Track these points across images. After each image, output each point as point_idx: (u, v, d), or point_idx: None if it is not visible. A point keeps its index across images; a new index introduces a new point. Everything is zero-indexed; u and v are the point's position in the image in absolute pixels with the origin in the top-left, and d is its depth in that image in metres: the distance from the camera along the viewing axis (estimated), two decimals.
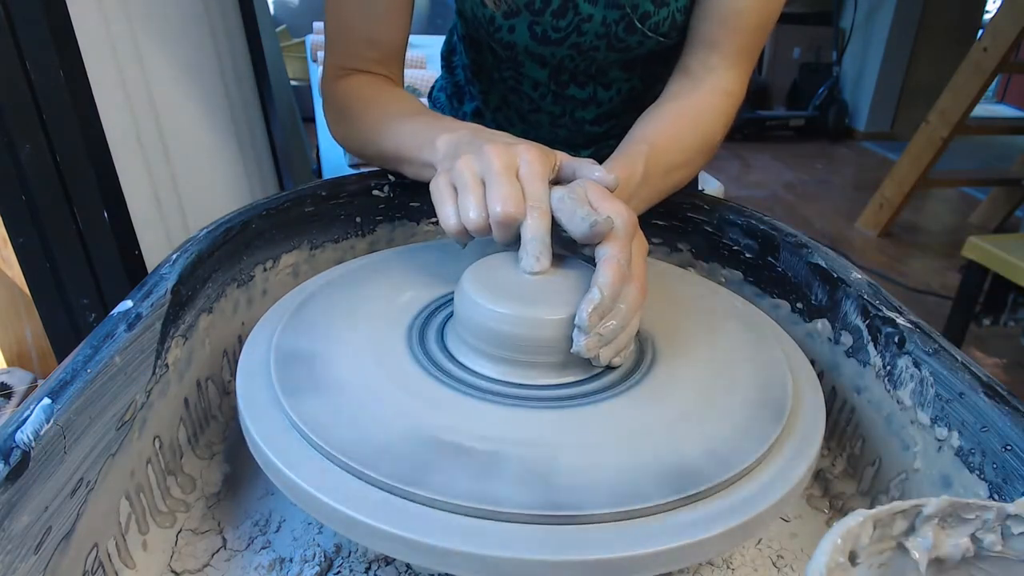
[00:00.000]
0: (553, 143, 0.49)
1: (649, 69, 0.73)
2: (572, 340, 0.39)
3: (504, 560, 0.30)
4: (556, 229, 0.43)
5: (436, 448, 0.35)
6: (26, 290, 0.88)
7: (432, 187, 0.46)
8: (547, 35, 0.67)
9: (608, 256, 0.40)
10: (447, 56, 0.89)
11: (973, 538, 0.26)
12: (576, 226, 0.41)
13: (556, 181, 0.47)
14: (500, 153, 0.43)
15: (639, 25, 0.65)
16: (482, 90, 0.81)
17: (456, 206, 0.44)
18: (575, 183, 0.44)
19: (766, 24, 0.63)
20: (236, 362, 0.44)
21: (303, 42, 3.44)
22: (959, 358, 0.39)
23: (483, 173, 0.44)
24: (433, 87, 0.94)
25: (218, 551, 0.40)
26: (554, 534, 0.31)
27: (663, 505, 0.33)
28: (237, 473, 0.46)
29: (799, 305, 0.53)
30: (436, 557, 0.31)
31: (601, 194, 0.43)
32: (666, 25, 0.65)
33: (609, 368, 0.42)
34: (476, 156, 0.44)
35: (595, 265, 0.41)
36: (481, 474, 0.33)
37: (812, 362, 0.47)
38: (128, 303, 0.41)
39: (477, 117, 0.83)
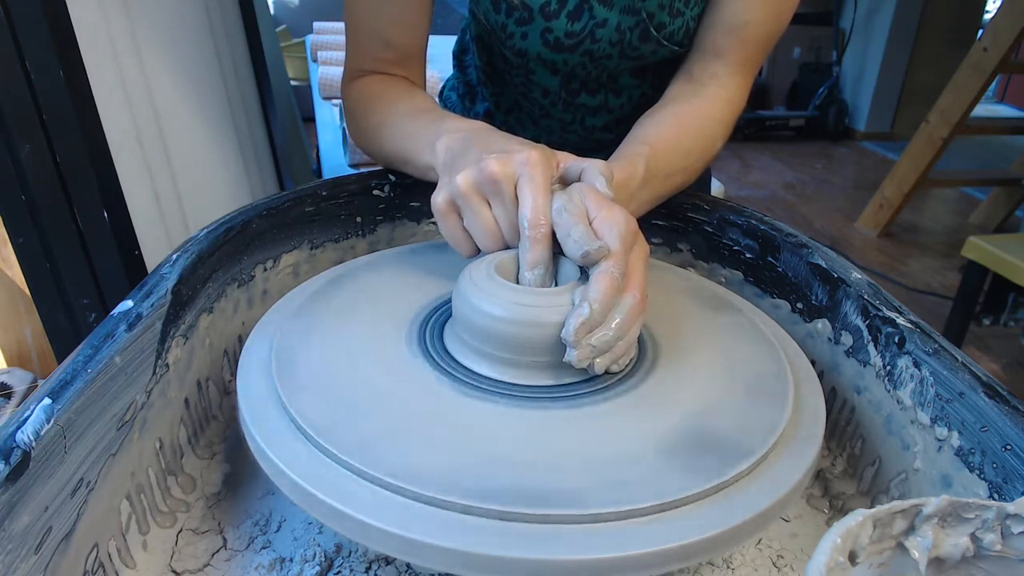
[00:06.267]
0: (563, 148, 0.49)
1: (660, 75, 0.73)
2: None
3: (504, 560, 0.30)
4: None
5: (434, 447, 0.35)
6: (26, 290, 0.88)
7: (433, 207, 0.46)
8: (560, 42, 0.66)
9: (602, 270, 0.39)
10: (459, 55, 0.89)
11: (973, 537, 0.26)
12: (569, 249, 0.41)
13: (561, 180, 0.47)
14: (499, 169, 0.43)
15: (655, 33, 0.64)
16: (494, 92, 0.81)
17: (463, 230, 0.45)
18: (575, 188, 0.44)
19: (772, 36, 0.63)
20: (236, 362, 0.44)
21: (303, 42, 3.44)
22: (959, 358, 0.39)
23: (484, 191, 0.44)
24: (444, 86, 0.93)
25: (218, 551, 0.40)
26: (553, 534, 0.31)
27: (662, 505, 0.33)
28: (237, 473, 0.46)
29: (799, 305, 0.53)
30: (436, 556, 0.31)
31: (600, 201, 0.42)
32: (680, 34, 0.65)
33: (608, 372, 0.42)
34: (475, 171, 0.44)
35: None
36: (478, 473, 0.33)
37: (812, 362, 0.47)
38: (128, 303, 0.41)
39: (488, 119, 0.82)
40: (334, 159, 1.70)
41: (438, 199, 0.46)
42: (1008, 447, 0.34)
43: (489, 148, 0.45)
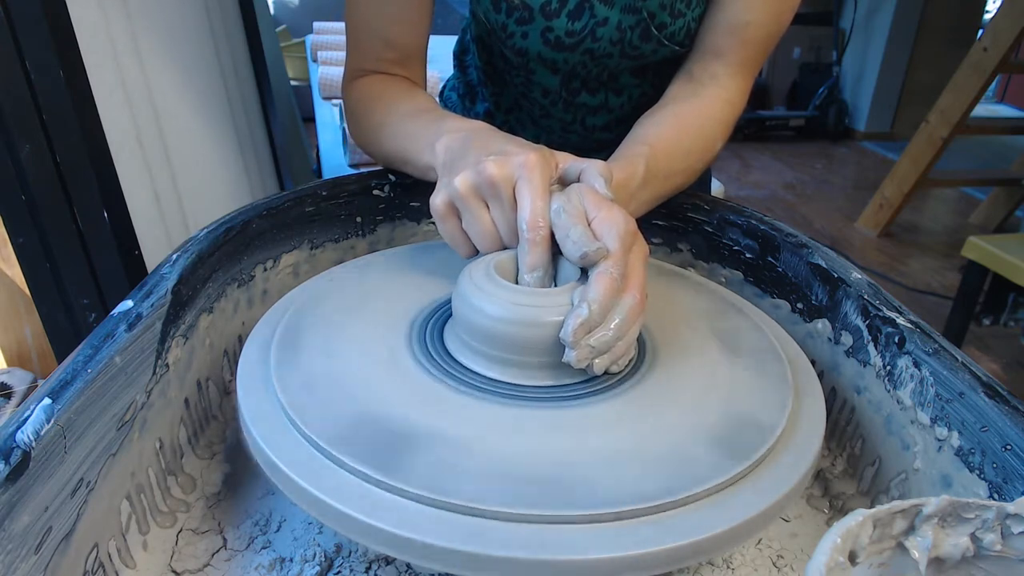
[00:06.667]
0: (564, 148, 0.49)
1: (661, 75, 0.72)
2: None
3: (503, 560, 0.30)
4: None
5: (433, 447, 0.35)
6: (26, 290, 0.88)
7: (432, 208, 0.46)
8: (560, 41, 0.66)
9: (601, 270, 0.39)
10: (459, 55, 0.89)
11: (973, 537, 0.26)
12: (568, 250, 0.41)
13: (560, 180, 0.47)
14: (497, 172, 0.43)
15: (655, 33, 0.64)
16: (494, 92, 0.81)
17: (462, 232, 0.46)
18: (573, 188, 0.44)
19: (772, 37, 0.63)
20: (236, 362, 0.44)
21: (303, 42, 3.44)
22: (959, 358, 0.39)
23: (483, 194, 0.44)
24: (445, 86, 0.93)
25: (218, 551, 0.40)
26: (552, 534, 0.31)
27: (662, 505, 0.33)
28: (237, 473, 0.46)
29: (799, 305, 0.53)
30: (435, 556, 0.31)
31: (599, 202, 0.42)
32: (681, 34, 0.65)
33: (607, 373, 0.42)
34: (474, 173, 0.44)
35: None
36: (477, 473, 0.33)
37: (812, 362, 0.47)
38: (128, 303, 0.41)
39: (488, 119, 0.82)
40: (334, 159, 1.70)
41: (437, 201, 0.46)
42: (1008, 447, 0.34)
43: (488, 149, 0.45)
